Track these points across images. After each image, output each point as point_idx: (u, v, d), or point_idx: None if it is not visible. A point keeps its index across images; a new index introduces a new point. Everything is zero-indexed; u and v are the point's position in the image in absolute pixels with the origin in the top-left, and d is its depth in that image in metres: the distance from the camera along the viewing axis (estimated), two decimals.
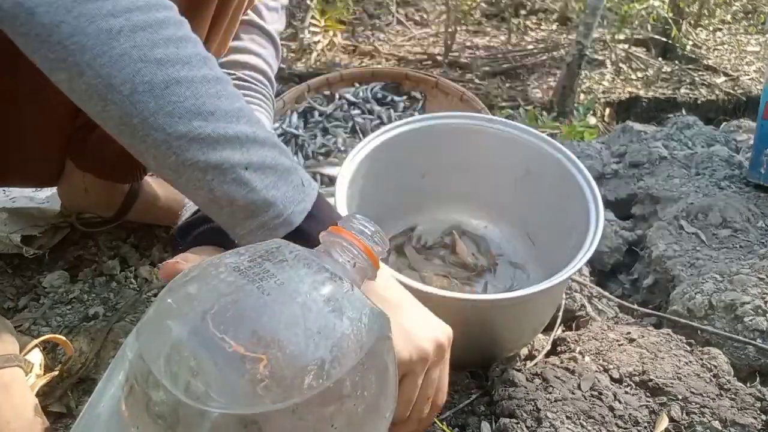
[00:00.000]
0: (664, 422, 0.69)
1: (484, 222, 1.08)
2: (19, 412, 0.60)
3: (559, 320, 0.92)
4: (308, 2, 3.51)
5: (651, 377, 0.76)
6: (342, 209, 0.78)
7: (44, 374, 0.74)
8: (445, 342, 0.55)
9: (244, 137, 0.48)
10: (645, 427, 0.69)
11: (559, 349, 0.86)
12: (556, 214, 0.93)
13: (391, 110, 1.39)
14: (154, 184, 1.00)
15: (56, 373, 0.75)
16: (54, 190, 0.96)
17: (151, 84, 0.44)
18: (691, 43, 4.05)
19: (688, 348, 0.84)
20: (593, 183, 0.86)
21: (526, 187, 0.99)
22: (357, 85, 1.46)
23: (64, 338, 0.77)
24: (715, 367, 0.79)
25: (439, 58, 3.60)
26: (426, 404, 0.55)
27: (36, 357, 0.74)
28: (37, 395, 0.72)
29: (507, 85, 3.41)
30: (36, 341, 0.75)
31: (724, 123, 1.99)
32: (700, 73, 3.71)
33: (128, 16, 0.44)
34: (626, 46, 3.88)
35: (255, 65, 0.87)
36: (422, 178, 0.67)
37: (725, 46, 4.22)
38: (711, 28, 4.55)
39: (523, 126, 0.97)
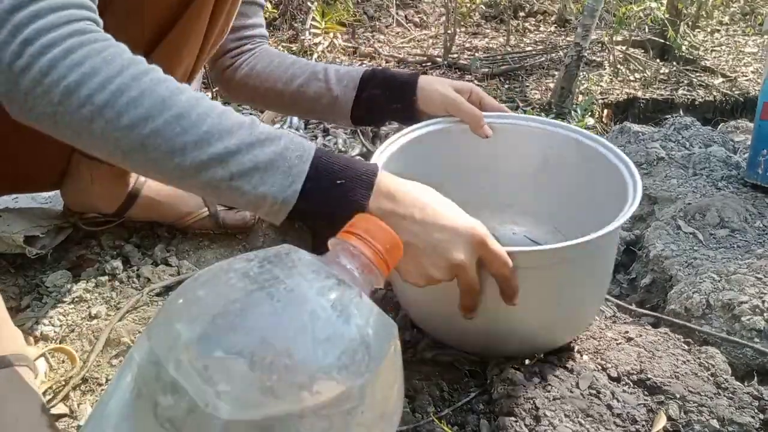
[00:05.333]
0: (662, 421, 0.70)
1: (510, 225, 1.03)
2: (27, 409, 0.61)
3: None
4: (309, 4, 3.51)
5: (649, 376, 0.76)
6: None
7: (48, 381, 0.74)
8: (481, 235, 0.61)
9: (217, 156, 0.55)
10: (643, 426, 0.70)
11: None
12: (583, 195, 0.90)
13: None
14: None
15: (58, 379, 0.75)
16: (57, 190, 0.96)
17: (130, 148, 0.54)
18: (688, 44, 4.06)
19: (686, 347, 0.84)
20: (614, 147, 0.84)
21: (546, 177, 0.96)
22: None
23: (71, 350, 0.78)
24: (713, 366, 0.80)
25: (439, 59, 3.60)
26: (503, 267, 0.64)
27: (41, 366, 0.75)
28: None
29: (506, 86, 3.41)
30: (44, 350, 0.76)
31: (721, 124, 2.01)
32: (697, 74, 3.71)
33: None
34: (624, 47, 3.88)
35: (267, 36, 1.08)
36: (441, 187, 0.66)
37: (723, 48, 4.23)
38: (709, 30, 4.56)
39: (534, 117, 0.97)
